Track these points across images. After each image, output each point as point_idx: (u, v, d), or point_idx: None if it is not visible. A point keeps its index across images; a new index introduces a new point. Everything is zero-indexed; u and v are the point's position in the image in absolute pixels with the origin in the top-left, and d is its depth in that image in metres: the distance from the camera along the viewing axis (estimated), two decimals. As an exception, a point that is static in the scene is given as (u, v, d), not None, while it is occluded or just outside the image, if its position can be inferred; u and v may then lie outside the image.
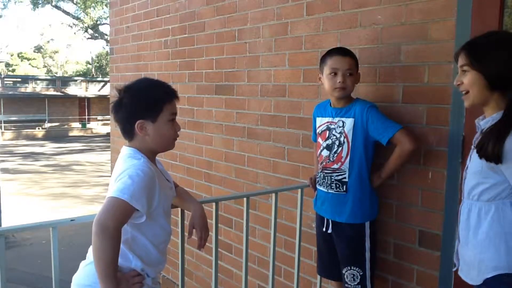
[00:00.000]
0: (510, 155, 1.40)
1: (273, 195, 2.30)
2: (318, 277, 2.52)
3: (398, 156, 2.06)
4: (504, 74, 1.47)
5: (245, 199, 2.20)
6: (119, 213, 1.39)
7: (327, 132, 2.21)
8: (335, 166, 2.16)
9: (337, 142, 2.16)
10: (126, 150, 1.57)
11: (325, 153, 2.21)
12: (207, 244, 1.74)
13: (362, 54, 2.33)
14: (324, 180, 2.22)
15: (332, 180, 2.17)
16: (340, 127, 2.15)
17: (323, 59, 2.18)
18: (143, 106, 1.54)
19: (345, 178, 2.14)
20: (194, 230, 1.71)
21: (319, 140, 2.26)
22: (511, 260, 1.45)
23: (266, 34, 2.96)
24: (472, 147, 1.58)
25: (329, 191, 2.19)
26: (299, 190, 2.41)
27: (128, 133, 1.58)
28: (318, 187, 2.29)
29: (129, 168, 1.47)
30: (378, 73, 2.29)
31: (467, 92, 1.54)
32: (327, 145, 2.20)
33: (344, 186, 2.14)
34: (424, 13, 2.08)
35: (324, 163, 2.21)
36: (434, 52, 2.05)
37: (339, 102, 2.17)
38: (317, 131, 2.29)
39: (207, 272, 3.58)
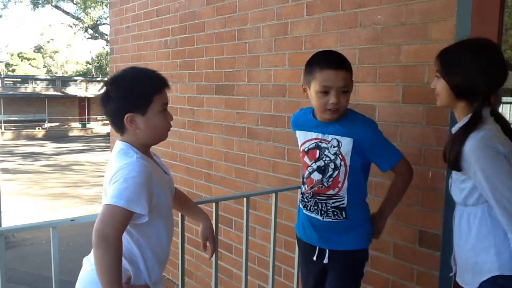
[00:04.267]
0: (467, 161, 1.42)
1: (273, 195, 2.30)
2: (318, 277, 2.51)
3: (401, 189, 1.89)
4: (468, 86, 1.50)
5: (245, 199, 2.20)
6: (118, 221, 1.33)
7: (317, 151, 1.84)
8: (331, 192, 1.83)
9: (331, 165, 1.81)
10: (118, 145, 1.51)
11: (316, 176, 1.85)
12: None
13: (362, 54, 2.33)
14: (316, 207, 1.87)
15: (328, 207, 1.84)
16: (334, 147, 1.80)
17: (311, 69, 1.74)
18: (131, 98, 1.45)
19: (343, 204, 1.83)
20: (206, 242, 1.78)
21: (306, 159, 1.90)
22: (502, 261, 1.45)
23: (266, 34, 2.96)
24: None
25: (325, 219, 1.86)
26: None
27: (118, 127, 1.51)
28: (306, 212, 1.93)
29: (122, 168, 1.39)
30: (378, 73, 2.29)
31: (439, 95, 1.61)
32: (318, 167, 1.85)
33: (343, 213, 1.83)
34: (424, 13, 2.08)
35: (316, 188, 1.86)
36: (434, 52, 2.02)
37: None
38: (302, 148, 1.91)
39: (207, 272, 3.58)
